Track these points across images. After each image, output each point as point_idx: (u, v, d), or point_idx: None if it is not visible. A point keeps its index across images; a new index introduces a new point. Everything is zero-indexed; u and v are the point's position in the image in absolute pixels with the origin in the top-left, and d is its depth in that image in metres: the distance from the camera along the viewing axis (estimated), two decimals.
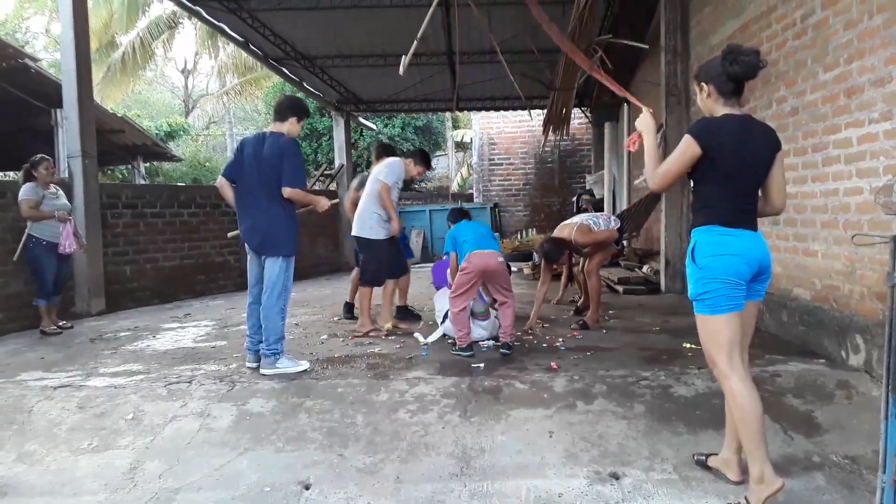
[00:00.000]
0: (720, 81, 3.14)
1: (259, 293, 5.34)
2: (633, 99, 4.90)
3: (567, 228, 7.01)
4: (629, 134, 13.35)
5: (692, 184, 3.25)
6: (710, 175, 3.10)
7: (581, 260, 7.57)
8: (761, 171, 3.18)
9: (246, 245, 5.40)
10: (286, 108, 5.36)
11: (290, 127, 5.33)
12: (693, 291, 3.14)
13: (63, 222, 7.07)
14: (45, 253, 6.97)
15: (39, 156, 7.10)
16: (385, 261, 6.64)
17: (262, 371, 5.21)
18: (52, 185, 7.21)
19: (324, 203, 5.50)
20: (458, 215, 6.53)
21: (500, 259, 5.81)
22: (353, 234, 6.75)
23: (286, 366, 5.24)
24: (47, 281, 7.03)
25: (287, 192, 5.17)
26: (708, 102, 3.23)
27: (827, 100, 5.27)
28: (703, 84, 3.22)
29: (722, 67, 3.11)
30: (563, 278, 8.73)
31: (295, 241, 5.34)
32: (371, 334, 6.54)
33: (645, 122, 3.38)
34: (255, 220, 5.24)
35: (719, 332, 3.07)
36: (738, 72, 3.08)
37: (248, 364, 5.43)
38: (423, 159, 7.08)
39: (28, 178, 7.01)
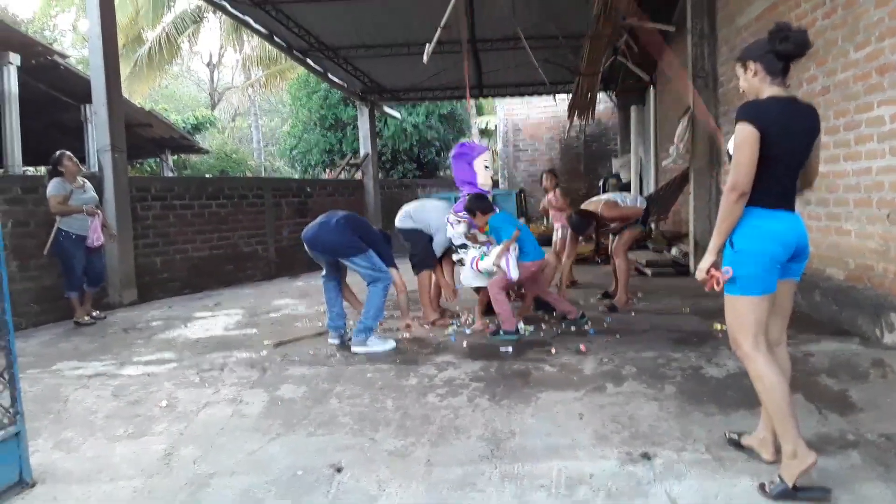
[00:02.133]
0: (768, 59, 3.03)
1: (331, 269, 5.79)
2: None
3: (594, 203, 7.06)
4: (655, 118, 13.26)
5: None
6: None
7: (568, 245, 7.70)
8: (804, 154, 3.10)
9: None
10: None
11: None
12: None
13: (91, 216, 7.16)
14: (74, 246, 7.05)
15: (59, 151, 7.18)
16: (428, 245, 6.57)
17: (354, 349, 5.41)
18: (79, 178, 7.29)
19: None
20: (485, 205, 6.20)
21: (539, 265, 6.18)
22: (402, 227, 6.61)
23: (375, 344, 5.45)
24: (77, 273, 7.12)
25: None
26: (754, 82, 3.11)
27: (859, 78, 5.18)
28: (748, 63, 3.11)
29: (770, 45, 3.01)
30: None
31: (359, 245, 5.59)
32: (437, 323, 6.45)
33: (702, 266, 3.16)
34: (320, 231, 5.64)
35: (747, 314, 3.05)
36: (788, 49, 2.98)
37: (330, 341, 5.64)
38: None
39: (54, 173, 7.09)
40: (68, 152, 7.20)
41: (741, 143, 2.97)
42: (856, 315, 5.22)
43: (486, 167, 6.51)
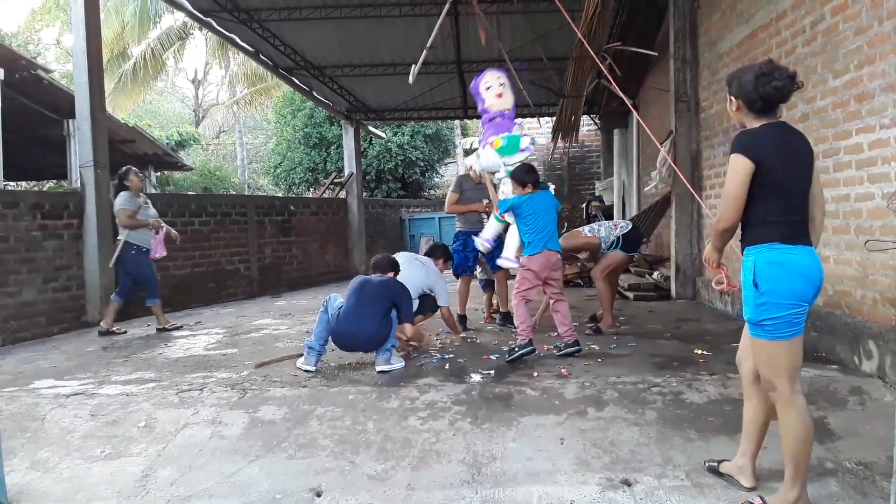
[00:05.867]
0: (750, 99, 3.02)
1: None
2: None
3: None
4: (638, 141, 13.37)
5: None
6: (761, 189, 2.94)
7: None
8: (808, 178, 3.05)
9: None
10: (386, 265, 5.92)
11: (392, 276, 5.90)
12: (752, 316, 3.00)
13: (156, 230, 7.56)
14: (143, 258, 7.48)
15: (126, 167, 7.59)
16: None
17: (380, 368, 5.39)
18: (142, 194, 7.64)
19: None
20: (530, 175, 6.27)
21: (559, 257, 5.98)
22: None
23: (397, 362, 5.52)
24: (155, 280, 7.62)
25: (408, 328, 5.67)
26: (738, 115, 3.13)
27: (837, 105, 5.26)
28: (732, 97, 3.12)
29: (754, 85, 2.99)
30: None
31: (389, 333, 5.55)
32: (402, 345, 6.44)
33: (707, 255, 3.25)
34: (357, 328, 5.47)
35: (779, 358, 2.96)
36: (769, 94, 2.98)
37: (307, 367, 5.48)
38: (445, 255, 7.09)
39: (120, 188, 7.44)
40: (135, 168, 7.66)
41: (732, 174, 2.94)
42: (834, 342, 5.27)
43: (489, 88, 6.50)
